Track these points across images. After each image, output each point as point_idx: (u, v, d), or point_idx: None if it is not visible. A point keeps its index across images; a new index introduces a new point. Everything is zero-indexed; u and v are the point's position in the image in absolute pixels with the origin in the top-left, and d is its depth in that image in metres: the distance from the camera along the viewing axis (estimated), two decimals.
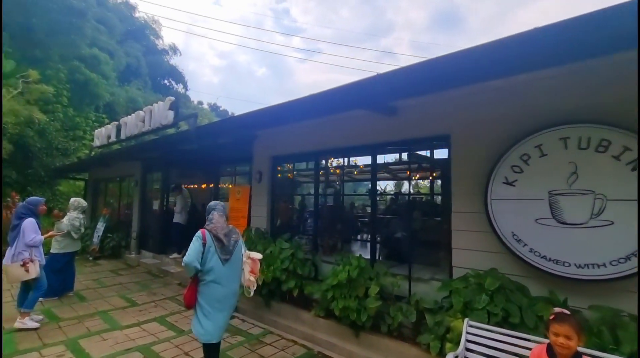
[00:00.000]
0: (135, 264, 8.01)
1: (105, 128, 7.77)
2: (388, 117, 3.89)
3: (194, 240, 2.73)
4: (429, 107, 3.57)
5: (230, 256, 2.81)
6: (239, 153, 6.18)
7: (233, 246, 2.86)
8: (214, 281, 2.72)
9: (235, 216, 5.88)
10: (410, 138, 3.82)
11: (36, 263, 4.11)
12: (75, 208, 5.58)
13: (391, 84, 2.85)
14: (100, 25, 31.07)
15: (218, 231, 2.82)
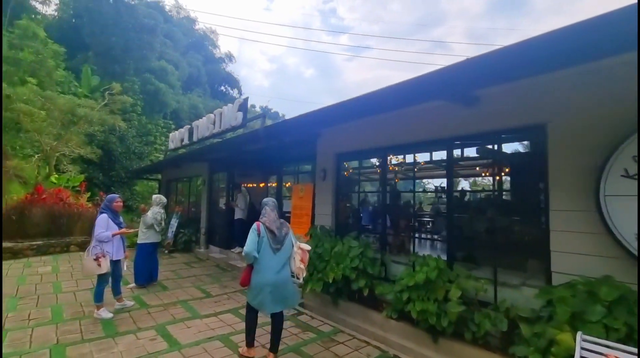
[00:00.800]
0: (205, 258, 8.55)
1: (178, 132, 8.44)
2: (467, 108, 3.60)
3: (251, 231, 3.14)
4: (519, 94, 3.21)
5: (281, 246, 3.19)
6: (301, 152, 6.25)
7: (284, 237, 3.24)
8: (263, 267, 3.10)
9: (298, 214, 5.96)
10: (494, 129, 3.49)
11: (107, 258, 4.26)
12: (157, 204, 6.09)
13: (480, 70, 2.60)
14: (167, 39, 33.97)
15: (270, 224, 3.20)
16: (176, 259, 8.46)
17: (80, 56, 26.02)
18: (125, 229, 4.66)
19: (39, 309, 4.54)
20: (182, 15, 42.40)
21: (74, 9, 26.92)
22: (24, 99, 11.05)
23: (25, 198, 9.92)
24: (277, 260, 3.16)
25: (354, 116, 4.38)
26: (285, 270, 3.22)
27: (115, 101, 14.88)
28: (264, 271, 3.11)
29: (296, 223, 5.93)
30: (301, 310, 4.91)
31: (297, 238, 5.85)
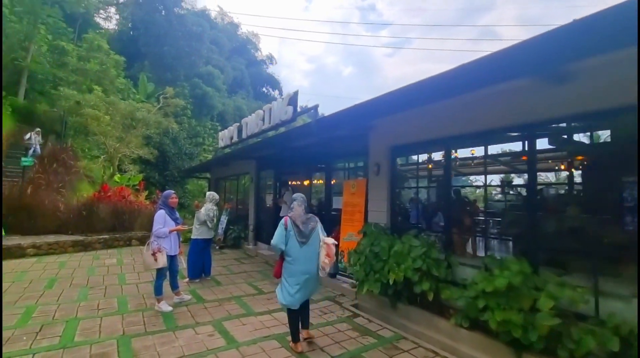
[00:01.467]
0: (253, 254, 8.63)
1: (228, 130, 8.60)
2: (553, 87, 3.08)
3: (279, 226, 3.39)
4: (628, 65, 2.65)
5: (307, 240, 3.32)
6: (351, 146, 5.98)
7: (310, 232, 3.35)
8: (293, 260, 3.32)
9: (350, 211, 5.69)
10: (595, 110, 2.94)
11: (164, 253, 4.34)
12: (210, 201, 6.18)
13: (589, 35, 2.13)
14: (213, 45, 35.51)
15: (296, 219, 3.38)
16: (226, 255, 8.63)
17: (137, 65, 28.06)
18: (181, 226, 4.74)
19: (106, 299, 4.77)
20: (227, 21, 44.13)
21: (132, 22, 29.09)
22: (91, 105, 12.07)
23: (93, 195, 10.79)
24: (304, 253, 3.32)
25: (414, 103, 4.02)
26: (312, 262, 3.35)
27: (169, 104, 15.75)
28: (292, 263, 3.33)
29: (348, 221, 5.68)
30: (356, 311, 4.65)
31: (350, 235, 5.62)
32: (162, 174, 20.13)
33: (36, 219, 8.58)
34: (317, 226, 3.45)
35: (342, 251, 5.72)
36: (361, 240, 4.93)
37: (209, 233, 6.15)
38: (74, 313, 4.18)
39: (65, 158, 11.99)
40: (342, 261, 5.71)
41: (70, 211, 9.32)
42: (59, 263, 6.90)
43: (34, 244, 7.46)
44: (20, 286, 5.21)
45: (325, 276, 3.48)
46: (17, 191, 8.75)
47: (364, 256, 4.53)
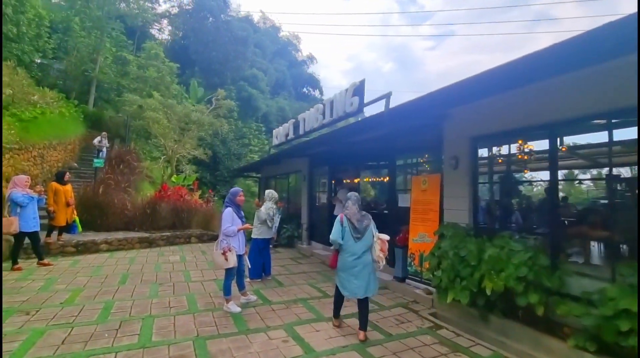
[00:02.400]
0: (308, 254, 8.41)
1: (282, 127, 8.46)
2: None
3: (335, 222, 3.67)
4: None
5: (362, 236, 3.57)
6: (420, 139, 5.47)
7: (364, 228, 3.60)
8: (348, 254, 3.58)
9: (420, 210, 5.18)
10: None
11: (233, 252, 4.17)
12: (270, 199, 6.02)
13: None
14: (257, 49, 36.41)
15: (351, 216, 3.64)
16: (281, 254, 8.50)
17: (188, 71, 29.53)
18: (247, 224, 4.58)
19: (176, 297, 4.76)
20: (268, 24, 45.10)
21: (183, 31, 30.71)
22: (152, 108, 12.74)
23: (155, 194, 11.32)
24: (358, 247, 3.56)
25: (509, 84, 3.45)
26: (365, 256, 3.57)
27: (220, 106, 16.23)
28: (347, 255, 3.59)
29: (418, 220, 5.17)
30: (436, 321, 4.15)
31: (422, 236, 5.11)
32: (213, 174, 20.91)
33: (107, 217, 9.11)
34: (371, 224, 3.66)
35: (412, 253, 5.24)
36: (438, 242, 4.41)
37: (268, 233, 5.99)
38: (148, 310, 4.17)
39: (129, 159, 12.75)
40: (412, 265, 5.22)
41: (135, 210, 9.80)
42: (128, 258, 7.18)
43: (106, 240, 7.88)
44: (97, 281, 5.42)
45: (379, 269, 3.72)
46: (91, 191, 9.36)
47: (447, 260, 4.02)
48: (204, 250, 8.70)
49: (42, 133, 10.91)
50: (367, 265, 3.57)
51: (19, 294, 4.58)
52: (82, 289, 4.94)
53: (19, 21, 14.98)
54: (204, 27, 28.98)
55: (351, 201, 3.72)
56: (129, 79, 17.98)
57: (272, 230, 6.04)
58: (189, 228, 10.71)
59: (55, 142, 11.89)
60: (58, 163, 12.20)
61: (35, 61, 16.60)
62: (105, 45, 18.46)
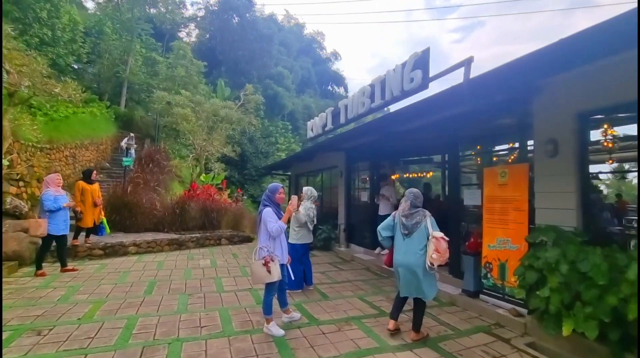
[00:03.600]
0: (348, 258, 7.53)
1: (319, 117, 7.61)
2: None
3: (390, 216, 3.61)
4: None
5: (409, 233, 3.35)
6: (496, 120, 4.43)
7: (413, 226, 3.36)
8: (395, 250, 3.48)
9: (498, 209, 4.15)
10: None
11: (276, 262, 3.40)
12: (309, 198, 5.21)
13: None
14: (281, 47, 35.99)
15: (402, 212, 3.48)
16: (318, 258, 7.68)
17: (215, 72, 29.54)
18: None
19: (207, 312, 4.04)
20: (292, 23, 44.65)
21: (209, 32, 30.77)
22: (180, 104, 12.36)
23: (184, 194, 10.88)
24: (406, 245, 3.37)
25: None
26: (413, 255, 3.30)
27: (249, 101, 15.69)
28: (396, 252, 3.46)
29: (495, 221, 4.14)
30: (539, 356, 3.14)
31: (502, 241, 4.09)
32: (241, 173, 20.55)
33: (136, 217, 8.70)
34: (424, 221, 3.36)
35: (488, 262, 4.22)
36: (535, 251, 3.39)
37: (308, 237, 5.18)
38: (175, 331, 3.46)
39: (159, 158, 12.45)
40: (488, 276, 4.21)
41: (165, 210, 9.36)
42: (157, 263, 6.64)
43: (134, 242, 7.41)
44: (122, 290, 4.83)
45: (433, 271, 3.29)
46: (120, 191, 9.00)
47: (556, 276, 3.00)
48: (235, 252, 8.06)
49: (73, 133, 10.77)
50: (414, 265, 3.27)
51: (35, 306, 4.04)
52: (105, 300, 4.35)
53: (54, 25, 15.20)
54: (229, 26, 28.86)
55: (404, 198, 3.55)
56: (158, 79, 17.90)
57: (311, 233, 5.23)
58: (218, 229, 10.18)
59: (87, 142, 11.78)
60: (90, 162, 12.10)
61: (71, 65, 16.86)
62: (135, 47, 18.51)
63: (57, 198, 5.57)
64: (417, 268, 3.24)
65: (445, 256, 3.17)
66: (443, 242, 3.17)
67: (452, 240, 4.63)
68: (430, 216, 3.37)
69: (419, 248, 3.27)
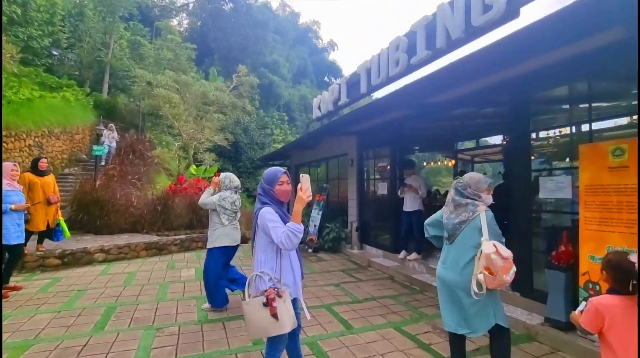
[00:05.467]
0: (364, 263, 6.15)
1: (329, 90, 6.03)
2: None
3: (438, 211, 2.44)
4: None
5: (453, 237, 2.22)
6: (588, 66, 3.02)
7: (456, 226, 2.19)
8: (441, 257, 2.33)
9: (612, 204, 2.76)
10: None
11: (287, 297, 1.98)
12: (228, 186, 3.75)
13: None
14: (277, 35, 34.15)
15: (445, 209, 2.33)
16: (327, 262, 6.30)
17: (208, 60, 27.74)
18: None
19: None
20: (287, 12, 42.65)
21: (201, 19, 28.87)
22: (162, 84, 10.76)
23: (169, 188, 9.38)
24: (451, 254, 2.24)
25: None
26: (453, 269, 2.17)
27: (242, 83, 14.08)
28: (440, 261, 2.34)
29: (604, 222, 2.76)
30: None
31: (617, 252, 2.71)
32: (235, 166, 19.02)
33: (109, 216, 7.23)
34: (474, 220, 2.13)
35: (591, 281, 2.85)
36: None
37: (230, 238, 3.69)
38: None
39: (142, 149, 10.90)
40: None
41: (145, 207, 7.89)
42: (126, 275, 5.19)
43: (102, 248, 5.93)
44: (62, 323, 3.39)
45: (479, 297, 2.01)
46: (89, 185, 7.49)
47: None
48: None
49: (39, 119, 9.15)
50: (457, 283, 2.16)
51: None
52: (30, 344, 2.92)
53: (26, 3, 13.44)
54: (222, 12, 27.01)
55: (451, 189, 2.39)
56: (144, 64, 16.19)
57: (236, 231, 3.77)
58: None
59: (57, 130, 10.15)
60: (62, 154, 10.51)
61: (48, 49, 15.07)
62: (119, 28, 16.74)
63: (8, 194, 4.09)
64: (459, 289, 2.16)
65: (503, 279, 1.98)
66: (499, 259, 1.97)
67: (519, 249, 3.28)
68: (486, 211, 2.18)
69: (464, 260, 2.15)
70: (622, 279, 1.55)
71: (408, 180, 5.51)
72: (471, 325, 2.14)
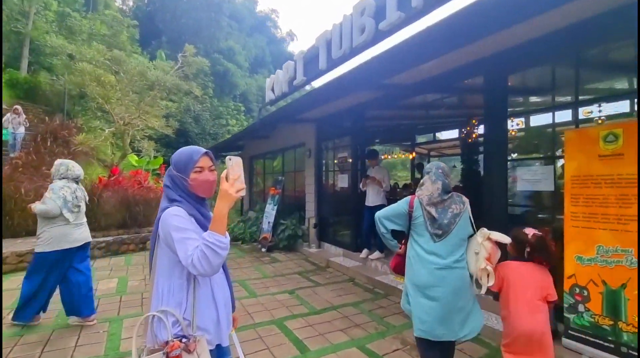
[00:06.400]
0: (322, 264, 5.53)
1: (284, 68, 5.06)
2: None
3: (400, 201, 2.06)
4: None
5: (446, 233, 1.91)
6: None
7: (451, 220, 1.93)
8: (422, 259, 1.91)
9: (607, 198, 2.39)
10: None
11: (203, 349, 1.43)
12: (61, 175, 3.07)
13: None
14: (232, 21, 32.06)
15: (428, 201, 1.95)
16: (281, 264, 5.59)
17: (155, 42, 25.15)
18: None
19: None
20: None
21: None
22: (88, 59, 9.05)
23: (99, 180, 7.93)
24: (440, 252, 1.89)
25: None
26: (455, 268, 1.87)
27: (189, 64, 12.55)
28: (419, 264, 1.91)
29: (594, 218, 2.39)
30: None
31: (608, 251, 2.22)
32: None
33: (11, 216, 5.76)
34: (463, 211, 1.95)
35: (579, 286, 2.48)
36: None
37: (68, 238, 3.00)
38: None
39: (66, 135, 9.17)
40: (582, 310, 2.46)
41: None
42: (18, 292, 4.00)
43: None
44: None
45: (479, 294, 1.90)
46: None
47: None
48: None
49: None
50: (458, 287, 1.86)
51: None
52: None
53: None
54: None
55: (429, 176, 2.01)
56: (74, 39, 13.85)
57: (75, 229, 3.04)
58: (147, 227, 7.54)
59: None
60: None
61: None
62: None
63: None
64: (464, 288, 1.91)
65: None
66: (498, 250, 1.89)
67: None
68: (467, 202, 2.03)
69: (455, 256, 1.93)
70: (519, 248, 1.93)
71: (371, 171, 4.97)
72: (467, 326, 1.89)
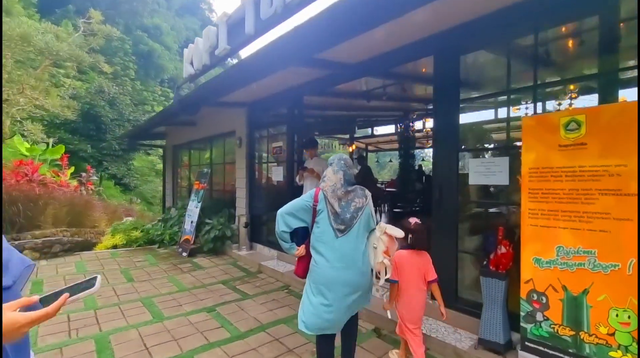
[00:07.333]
0: (253, 269, 4.74)
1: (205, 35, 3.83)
2: None
3: (303, 196, 1.95)
4: None
5: (348, 228, 1.85)
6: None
7: (353, 214, 1.86)
8: (323, 257, 1.82)
9: (570, 193, 2.10)
10: None
11: None
12: None
13: None
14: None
15: (331, 194, 1.86)
16: (204, 271, 4.64)
17: (60, 10, 20.88)
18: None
19: None
20: None
21: None
22: None
23: None
24: (343, 249, 1.82)
25: None
26: (357, 264, 1.83)
27: (94, 32, 10.28)
28: (323, 261, 1.82)
29: (554, 216, 2.09)
30: None
31: (570, 252, 1.98)
32: (96, 147, 14.63)
33: None
34: (366, 206, 1.91)
35: (537, 291, 2.17)
36: None
37: None
38: None
39: None
40: (540, 319, 2.15)
41: None
42: None
43: None
44: None
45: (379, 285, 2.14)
46: None
47: None
48: (41, 277, 4.22)
49: None
50: (359, 283, 1.84)
51: None
52: None
53: None
54: None
55: (332, 168, 1.94)
56: None
57: None
58: (29, 230, 5.87)
59: None
60: None
61: None
62: None
63: None
64: (366, 280, 1.88)
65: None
66: (396, 243, 1.93)
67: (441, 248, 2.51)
68: (370, 196, 1.96)
69: (359, 252, 1.85)
70: (405, 237, 2.02)
71: (309, 163, 4.31)
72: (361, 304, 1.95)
